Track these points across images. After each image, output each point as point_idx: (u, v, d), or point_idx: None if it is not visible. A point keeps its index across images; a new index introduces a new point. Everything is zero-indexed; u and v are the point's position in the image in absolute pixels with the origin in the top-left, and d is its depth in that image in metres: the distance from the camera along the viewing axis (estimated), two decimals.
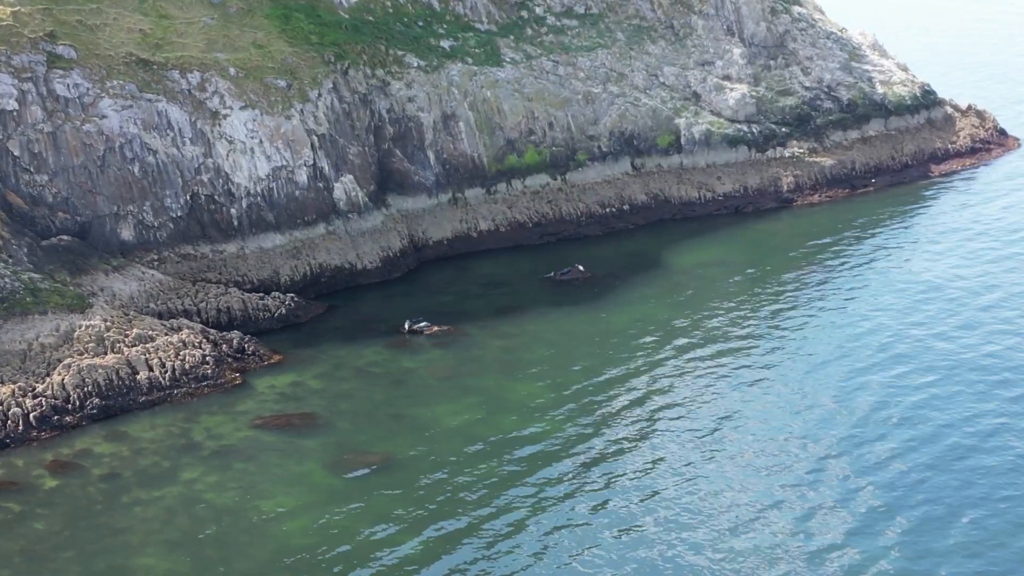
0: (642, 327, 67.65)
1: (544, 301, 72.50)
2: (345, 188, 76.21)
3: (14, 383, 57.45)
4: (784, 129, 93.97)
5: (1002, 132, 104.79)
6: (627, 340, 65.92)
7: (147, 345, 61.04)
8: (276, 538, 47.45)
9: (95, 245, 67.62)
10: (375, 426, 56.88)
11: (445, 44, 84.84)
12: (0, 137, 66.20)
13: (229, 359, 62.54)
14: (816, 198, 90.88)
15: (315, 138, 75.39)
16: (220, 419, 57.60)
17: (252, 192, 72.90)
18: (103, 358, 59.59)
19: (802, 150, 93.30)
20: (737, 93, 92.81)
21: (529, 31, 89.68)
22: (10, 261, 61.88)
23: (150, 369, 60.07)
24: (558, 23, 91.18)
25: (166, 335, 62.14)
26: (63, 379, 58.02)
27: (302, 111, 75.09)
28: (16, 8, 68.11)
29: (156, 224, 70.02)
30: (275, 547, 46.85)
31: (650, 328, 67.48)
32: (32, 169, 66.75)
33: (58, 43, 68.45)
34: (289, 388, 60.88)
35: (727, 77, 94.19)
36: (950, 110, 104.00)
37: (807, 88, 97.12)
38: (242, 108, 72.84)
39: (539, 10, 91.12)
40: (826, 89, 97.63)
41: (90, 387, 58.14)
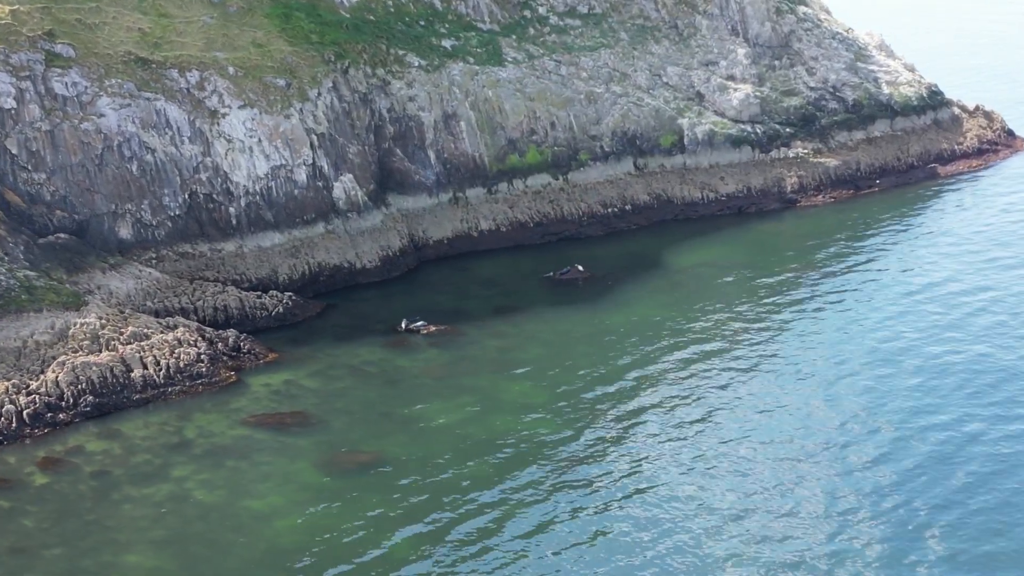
0: (639, 327, 67.38)
1: (543, 301, 72.31)
2: (344, 187, 76.16)
3: (8, 380, 57.53)
4: (788, 129, 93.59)
5: (1010, 133, 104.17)
6: (624, 340, 65.67)
7: (142, 343, 61.06)
8: (264, 536, 47.36)
9: (93, 243, 67.71)
10: (367, 425, 56.77)
11: (447, 44, 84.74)
12: None
13: (224, 357, 62.53)
14: (820, 199, 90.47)
15: (314, 137, 75.37)
16: (213, 417, 57.58)
17: (251, 191, 72.91)
18: (97, 356, 59.65)
19: (806, 151, 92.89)
20: (741, 93, 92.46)
21: (532, 31, 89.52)
22: (6, 259, 61.99)
23: (144, 367, 60.08)
24: (561, 23, 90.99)
25: (161, 333, 62.17)
26: (57, 376, 58.10)
27: (301, 110, 75.09)
28: (15, 7, 68.29)
29: (154, 223, 70.08)
30: (263, 545, 46.76)
31: (647, 328, 67.21)
32: (30, 167, 66.88)
33: (57, 42, 68.58)
34: (283, 386, 60.83)
35: (731, 77, 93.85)
36: (957, 111, 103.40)
37: (812, 88, 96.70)
38: (241, 107, 72.87)
39: (542, 10, 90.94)
40: (831, 89, 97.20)
41: (84, 384, 58.19)
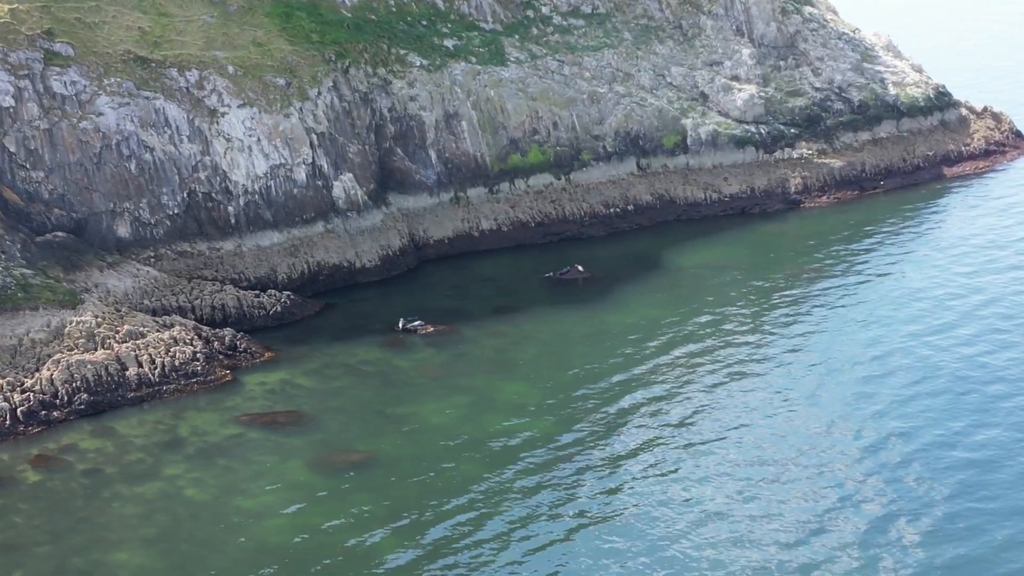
0: (638, 328, 67.08)
1: (542, 301, 72.07)
2: (344, 186, 76.06)
3: (3, 378, 57.56)
4: (793, 130, 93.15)
5: (1018, 134, 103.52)
6: (622, 341, 65.37)
7: (137, 341, 61.03)
8: (253, 535, 47.24)
9: (91, 242, 67.76)
10: (361, 424, 56.62)
11: (449, 43, 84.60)
12: None
13: (220, 356, 62.46)
14: (824, 200, 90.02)
15: (314, 136, 75.29)
16: (207, 416, 57.50)
17: (250, 190, 72.88)
18: (93, 354, 59.65)
19: (811, 151, 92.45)
20: (745, 94, 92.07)
21: (535, 31, 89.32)
22: (2, 257, 62.05)
23: (140, 365, 60.05)
24: (564, 23, 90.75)
25: (157, 331, 62.13)
26: (52, 374, 58.11)
27: (301, 109, 75.03)
28: (14, 5, 68.39)
29: (153, 221, 70.09)
30: (251, 544, 46.64)
31: (646, 329, 66.90)
32: (28, 166, 66.97)
33: (56, 40, 68.67)
34: (278, 385, 60.74)
35: (735, 77, 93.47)
36: (965, 112, 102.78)
37: (817, 89, 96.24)
38: (240, 106, 72.84)
39: (545, 9, 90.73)
40: (837, 90, 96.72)
41: (78, 383, 58.19)
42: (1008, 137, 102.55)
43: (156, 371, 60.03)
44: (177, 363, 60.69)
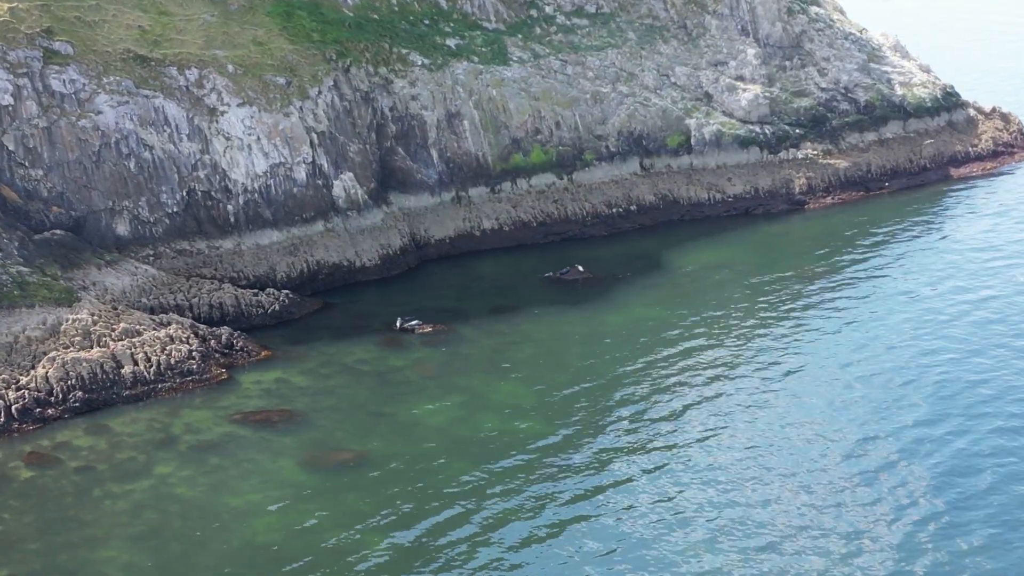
0: (637, 328, 66.83)
1: (541, 301, 71.83)
2: (344, 186, 75.98)
3: None
4: (798, 130, 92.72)
5: None
6: (620, 341, 65.12)
7: (133, 339, 61.04)
8: (241, 534, 47.18)
9: (90, 240, 67.82)
10: (354, 424, 56.50)
11: (451, 43, 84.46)
12: None
13: (216, 354, 62.42)
14: (829, 200, 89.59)
15: (314, 135, 75.23)
16: (201, 414, 57.46)
17: (249, 189, 72.86)
18: (88, 352, 59.67)
19: (816, 152, 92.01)
20: (750, 94, 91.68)
21: (538, 30, 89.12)
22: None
23: (135, 363, 60.05)
24: (568, 22, 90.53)
25: (153, 330, 62.12)
26: (47, 372, 58.16)
27: (301, 108, 74.98)
28: (14, 4, 68.52)
29: (152, 220, 70.12)
30: (239, 543, 46.57)
31: (645, 329, 66.64)
32: (27, 164, 67.08)
33: (55, 39, 68.76)
34: (274, 384, 60.66)
35: (740, 77, 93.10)
36: (973, 112, 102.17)
37: (823, 89, 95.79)
38: (240, 105, 72.84)
39: (549, 9, 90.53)
40: (843, 90, 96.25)
41: (74, 380, 58.22)
42: (1016, 138, 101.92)
43: (152, 369, 60.02)
44: (173, 361, 60.68)
